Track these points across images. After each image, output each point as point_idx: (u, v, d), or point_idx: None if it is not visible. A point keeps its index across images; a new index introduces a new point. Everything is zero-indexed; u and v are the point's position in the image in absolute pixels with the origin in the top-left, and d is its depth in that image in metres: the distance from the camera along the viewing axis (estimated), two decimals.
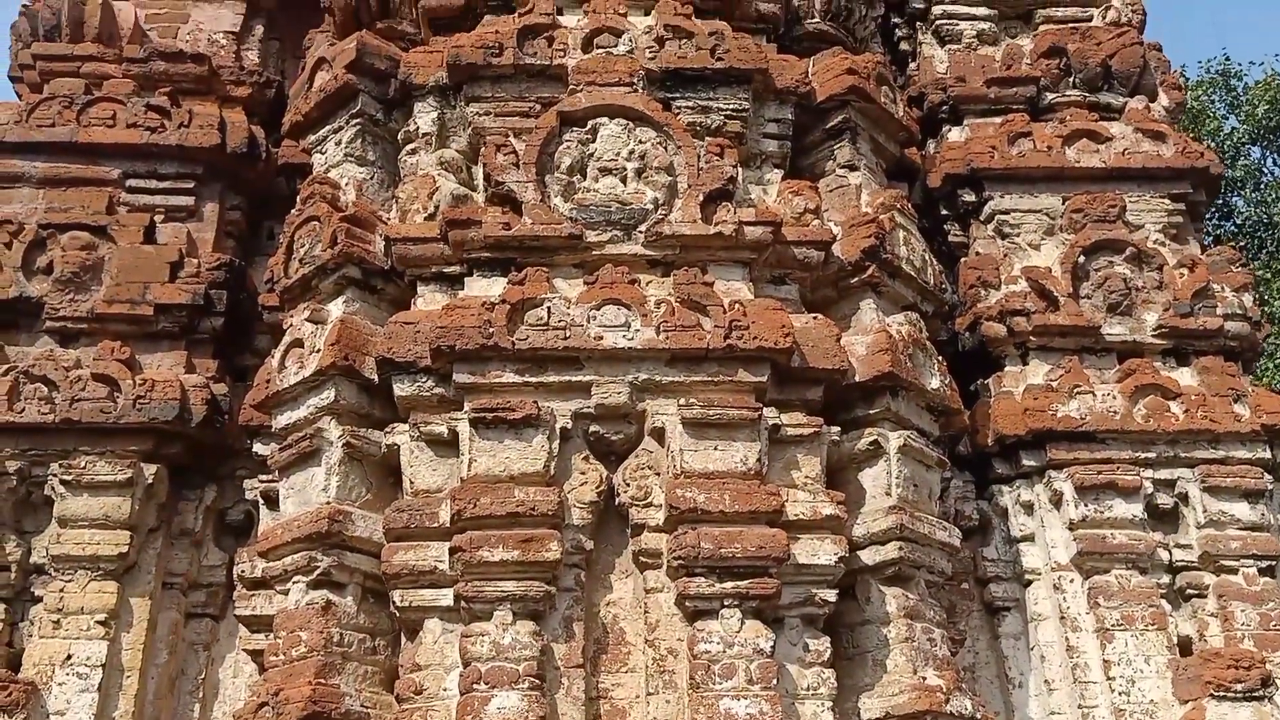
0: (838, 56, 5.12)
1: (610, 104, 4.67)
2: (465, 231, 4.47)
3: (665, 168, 4.56)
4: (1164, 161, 5.54)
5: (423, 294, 4.63)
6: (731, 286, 4.45)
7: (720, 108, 4.79)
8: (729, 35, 4.85)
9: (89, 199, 5.52)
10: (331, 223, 4.68)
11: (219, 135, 5.68)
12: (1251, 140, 15.00)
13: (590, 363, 4.24)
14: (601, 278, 4.37)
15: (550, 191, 4.53)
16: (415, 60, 5.00)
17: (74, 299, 5.30)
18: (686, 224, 4.45)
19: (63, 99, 5.68)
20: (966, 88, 5.87)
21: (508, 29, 4.85)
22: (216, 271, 5.46)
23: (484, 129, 4.77)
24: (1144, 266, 5.38)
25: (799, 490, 4.23)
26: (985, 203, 5.63)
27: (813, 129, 5.11)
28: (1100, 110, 5.79)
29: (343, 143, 5.09)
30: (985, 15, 6.11)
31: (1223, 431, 5.07)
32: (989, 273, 5.47)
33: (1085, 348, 5.29)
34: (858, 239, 4.69)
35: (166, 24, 6.20)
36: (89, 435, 5.06)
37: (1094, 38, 5.84)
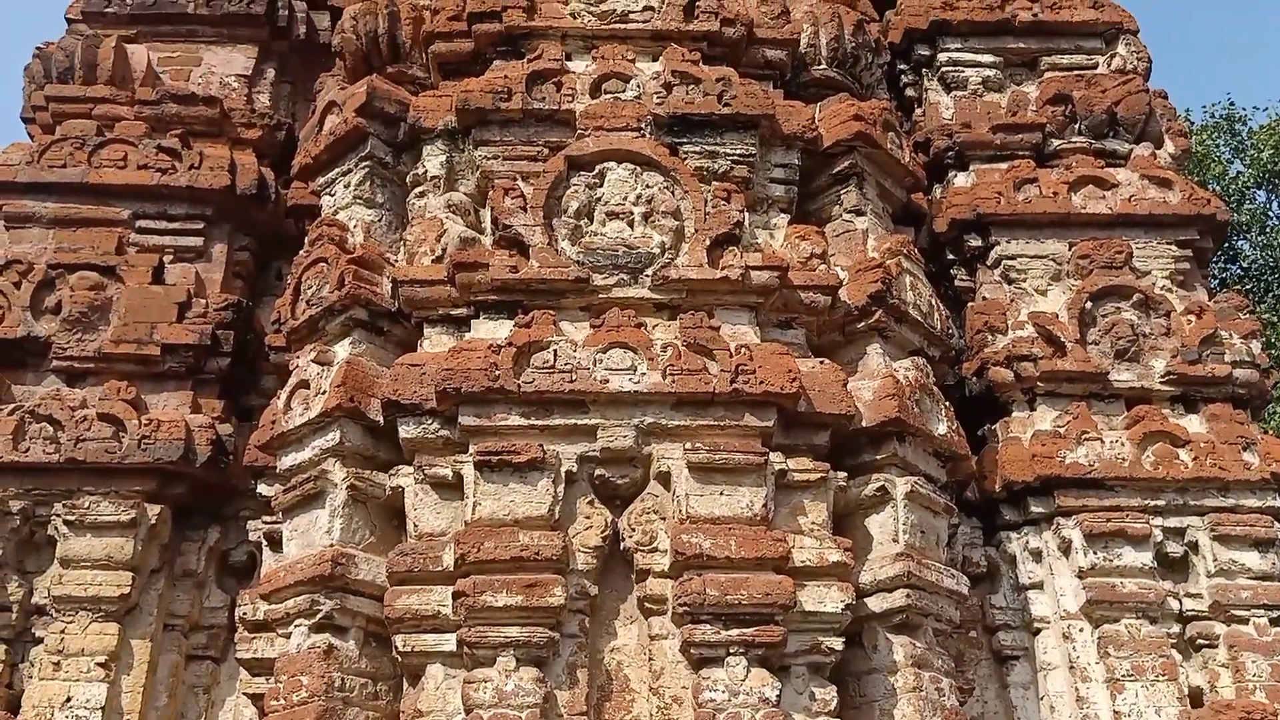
0: (844, 103, 5.15)
1: (618, 149, 4.70)
2: (472, 274, 4.48)
3: (672, 212, 4.58)
4: (1170, 208, 5.55)
5: (429, 336, 4.64)
6: (738, 331, 4.45)
7: (727, 153, 4.81)
8: (736, 81, 4.88)
9: (99, 239, 5.55)
10: (339, 265, 4.70)
11: (229, 177, 5.72)
12: (1257, 184, 15.07)
13: (596, 406, 4.23)
14: (608, 321, 4.37)
15: (557, 235, 4.55)
16: (424, 104, 5.04)
17: (81, 338, 5.31)
18: (693, 268, 4.46)
19: (74, 140, 5.73)
20: (972, 134, 5.90)
21: (517, 74, 4.89)
22: (224, 312, 5.48)
23: (492, 172, 4.80)
24: (1151, 313, 5.38)
25: (805, 536, 4.20)
26: (992, 248, 5.64)
27: (819, 174, 5.13)
28: (1106, 157, 5.82)
29: (351, 185, 5.13)
30: (990, 63, 6.16)
31: (1232, 479, 5.03)
32: (996, 318, 5.47)
33: (1093, 394, 5.27)
34: (864, 284, 4.69)
35: (179, 67, 6.26)
36: (93, 475, 5.05)
37: (1099, 85, 5.88)
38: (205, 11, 6.30)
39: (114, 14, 6.28)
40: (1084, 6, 6.15)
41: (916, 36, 6.23)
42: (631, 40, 5.10)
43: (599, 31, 5.12)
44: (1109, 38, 6.16)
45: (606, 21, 5.13)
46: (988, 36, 6.14)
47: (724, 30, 5.10)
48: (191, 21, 6.31)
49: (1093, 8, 6.15)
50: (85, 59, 5.99)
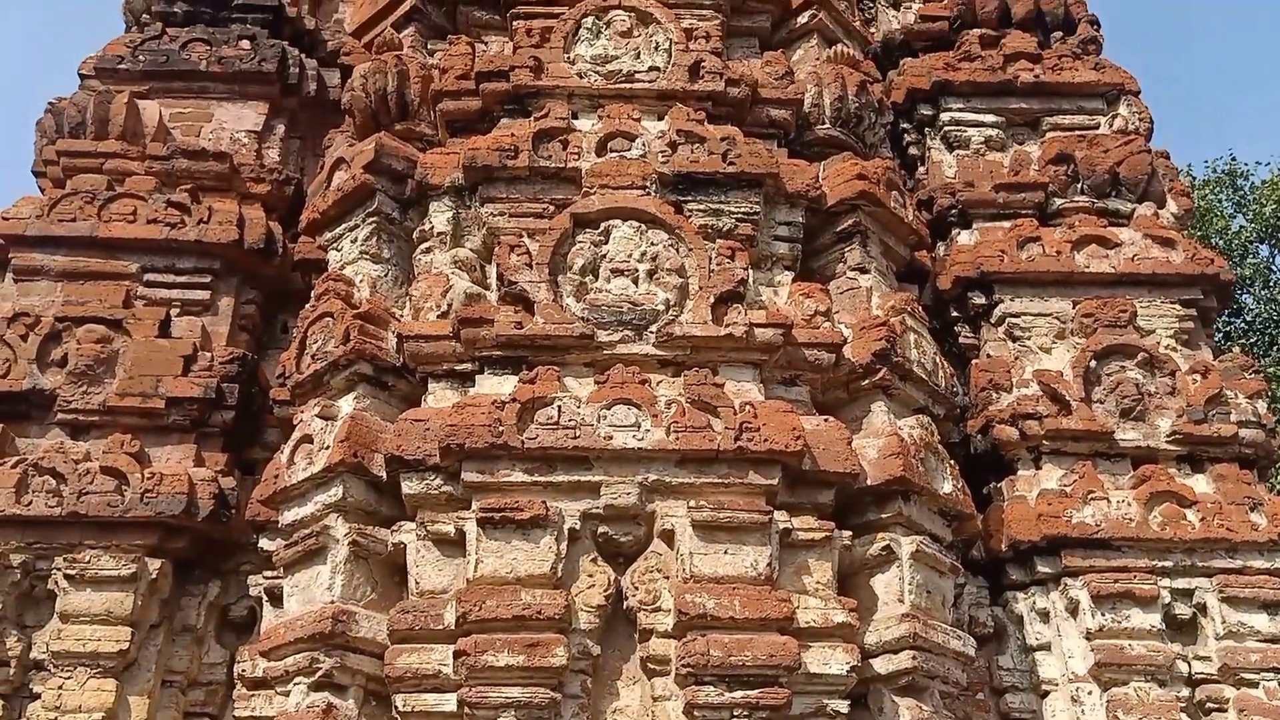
0: (848, 162, 5.20)
1: (623, 206, 4.73)
2: (477, 330, 4.50)
3: (677, 269, 4.60)
4: (1174, 268, 5.57)
5: (434, 391, 4.64)
6: (742, 388, 4.45)
7: (732, 211, 4.85)
8: (740, 140, 4.93)
9: (106, 293, 5.58)
10: (345, 319, 4.72)
11: (237, 231, 5.76)
12: (1259, 239, 15.15)
13: (600, 463, 4.22)
14: (612, 377, 4.37)
15: (563, 291, 4.57)
16: (432, 161, 5.09)
17: (86, 391, 5.32)
18: (697, 325, 4.47)
19: (85, 194, 5.78)
20: (975, 193, 5.95)
21: (523, 132, 4.95)
22: (229, 365, 5.49)
23: (498, 229, 4.83)
24: (1156, 372, 5.38)
25: (810, 596, 4.17)
26: (995, 305, 5.66)
27: (823, 232, 5.17)
28: (1109, 216, 5.85)
29: (358, 240, 5.16)
30: (992, 122, 6.22)
31: (1240, 541, 5.00)
32: (1000, 375, 5.47)
33: (1099, 453, 5.26)
34: (868, 342, 4.70)
35: (190, 123, 6.33)
36: (95, 529, 5.02)
37: (1101, 145, 5.93)
38: (217, 69, 6.39)
39: (127, 70, 6.37)
40: (1085, 68, 6.22)
41: (919, 96, 6.30)
42: (637, 99, 5.16)
43: (605, 91, 5.18)
44: (1110, 98, 6.23)
45: (613, 81, 5.20)
46: (990, 97, 6.21)
47: (728, 90, 5.16)
48: (204, 78, 6.40)
49: (1094, 69, 6.22)
50: (97, 114, 6.06)
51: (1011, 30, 6.43)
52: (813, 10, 5.80)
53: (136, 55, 6.41)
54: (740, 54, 5.69)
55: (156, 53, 6.42)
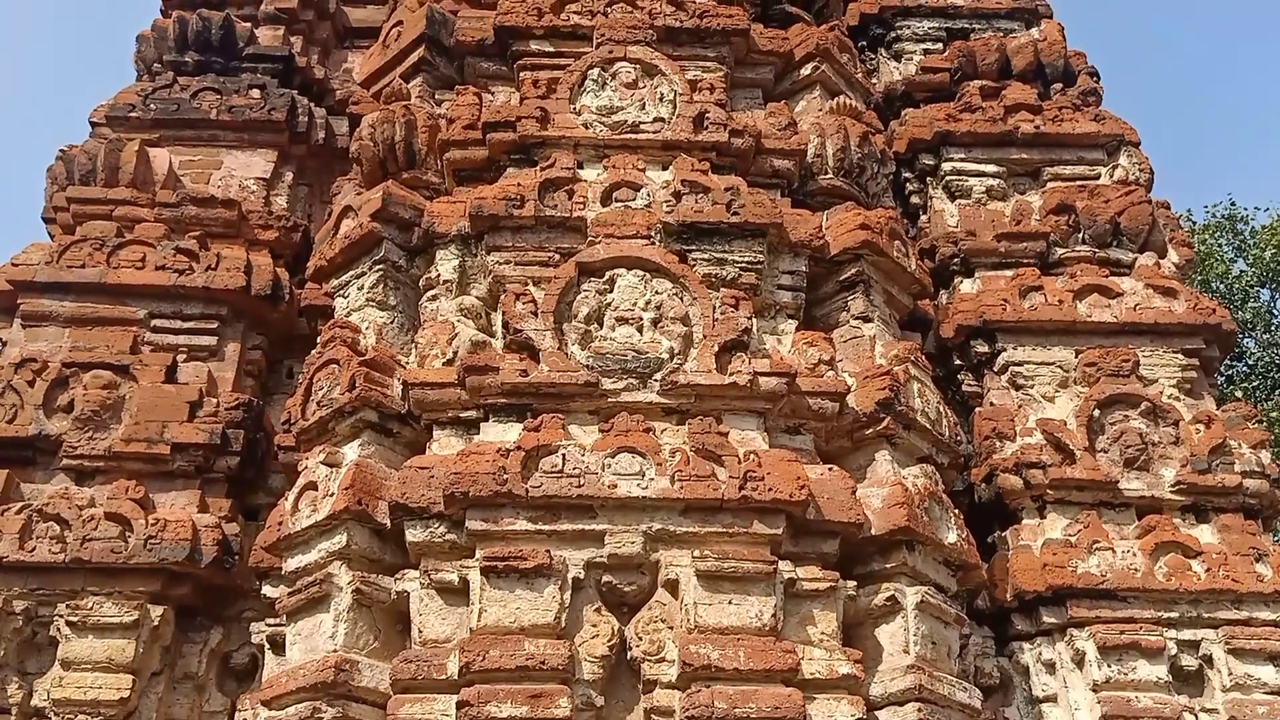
0: (851, 211, 5.24)
1: (628, 255, 4.77)
2: (482, 377, 4.51)
3: (681, 318, 4.63)
4: (1176, 317, 5.60)
5: (438, 438, 4.65)
6: (746, 436, 4.45)
7: (735, 260, 4.88)
8: (744, 190, 4.98)
9: (114, 338, 5.62)
10: (350, 366, 4.74)
11: (244, 278, 5.81)
12: (1260, 283, 15.20)
13: (604, 511, 4.22)
14: (617, 425, 4.38)
15: (568, 340, 4.60)
16: (439, 210, 5.14)
17: (93, 437, 5.34)
18: (702, 374, 4.49)
19: (94, 241, 5.84)
20: (977, 242, 5.99)
21: (530, 182, 5.00)
22: (234, 411, 5.51)
23: (504, 277, 4.86)
24: (1159, 421, 5.38)
25: (815, 647, 4.14)
26: (998, 354, 5.68)
27: (827, 281, 5.20)
28: (1110, 265, 5.89)
29: (365, 288, 5.20)
30: (994, 172, 6.28)
31: (1245, 592, 4.98)
32: (1004, 424, 5.47)
33: (1103, 502, 5.25)
34: (872, 391, 4.71)
35: (200, 170, 6.42)
36: (98, 575, 5.03)
37: (1102, 195, 5.98)
38: (227, 117, 6.48)
39: (138, 119, 6.46)
40: (1085, 120, 6.29)
41: (921, 146, 6.36)
42: (642, 150, 5.21)
43: (610, 141, 5.24)
44: (1110, 149, 6.29)
45: (618, 132, 5.26)
46: (991, 147, 6.28)
47: (732, 141, 5.22)
48: (214, 127, 6.49)
49: (1094, 121, 6.29)
50: (108, 162, 6.14)
51: (1011, 82, 6.51)
52: (815, 63, 5.87)
53: (148, 104, 6.50)
54: (744, 105, 5.76)
55: (167, 101, 6.52)
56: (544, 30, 5.68)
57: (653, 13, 5.69)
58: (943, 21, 7.00)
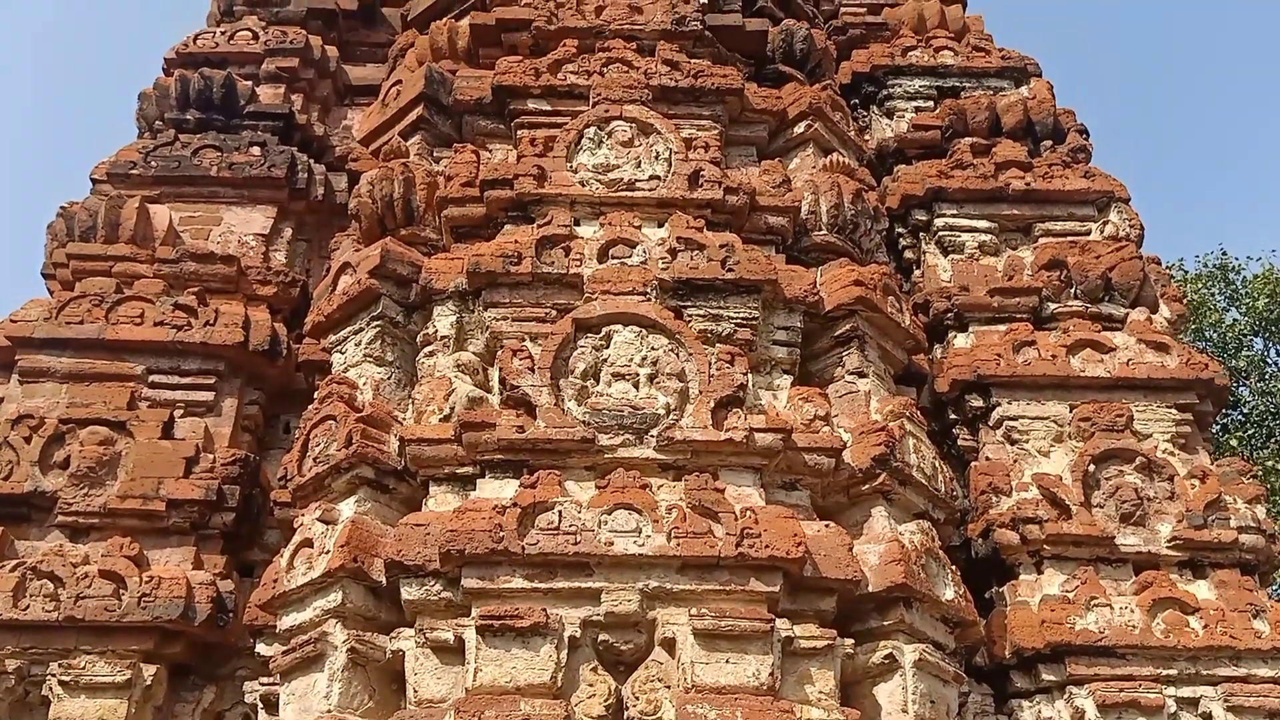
0: (845, 268, 5.29)
1: (624, 312, 4.80)
2: (479, 434, 4.52)
3: (677, 374, 4.66)
4: (1169, 372, 5.63)
5: (435, 495, 4.65)
6: (743, 493, 4.46)
7: (731, 316, 4.92)
8: (739, 247, 5.03)
9: (111, 394, 5.63)
10: (347, 423, 4.75)
11: (243, 333, 5.84)
12: (1253, 332, 15.26)
13: (600, 569, 4.21)
14: (613, 482, 4.39)
15: (564, 395, 4.61)
16: (437, 266, 5.18)
17: (88, 494, 5.33)
18: (698, 429, 4.50)
19: (93, 297, 5.87)
20: (970, 297, 6.04)
21: (527, 239, 5.05)
22: (231, 467, 5.51)
23: (501, 333, 4.89)
24: (1155, 476, 5.40)
25: (813, 707, 4.11)
26: (993, 408, 5.70)
27: (821, 336, 5.23)
28: (1102, 320, 5.93)
29: (362, 343, 5.22)
30: (986, 228, 6.35)
31: (1244, 648, 4.96)
32: (1000, 479, 5.48)
33: (1100, 558, 5.24)
34: (868, 447, 4.72)
35: (199, 226, 6.47)
36: (91, 633, 5.00)
37: (1093, 251, 6.04)
38: (228, 174, 6.55)
39: (139, 175, 6.52)
40: (1075, 176, 6.37)
41: (913, 202, 6.44)
42: (638, 207, 5.27)
43: (606, 199, 5.29)
44: (1101, 205, 6.37)
45: (614, 189, 5.32)
46: (982, 203, 6.35)
47: (727, 198, 5.28)
48: (214, 183, 6.55)
49: (1084, 177, 6.38)
50: (109, 218, 6.19)
51: (1002, 139, 6.60)
52: (808, 121, 5.96)
53: (149, 160, 6.57)
54: (738, 162, 5.84)
55: (168, 158, 6.59)
56: (541, 89, 5.77)
57: (648, 72, 5.78)
58: (933, 80, 7.12)
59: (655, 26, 6.09)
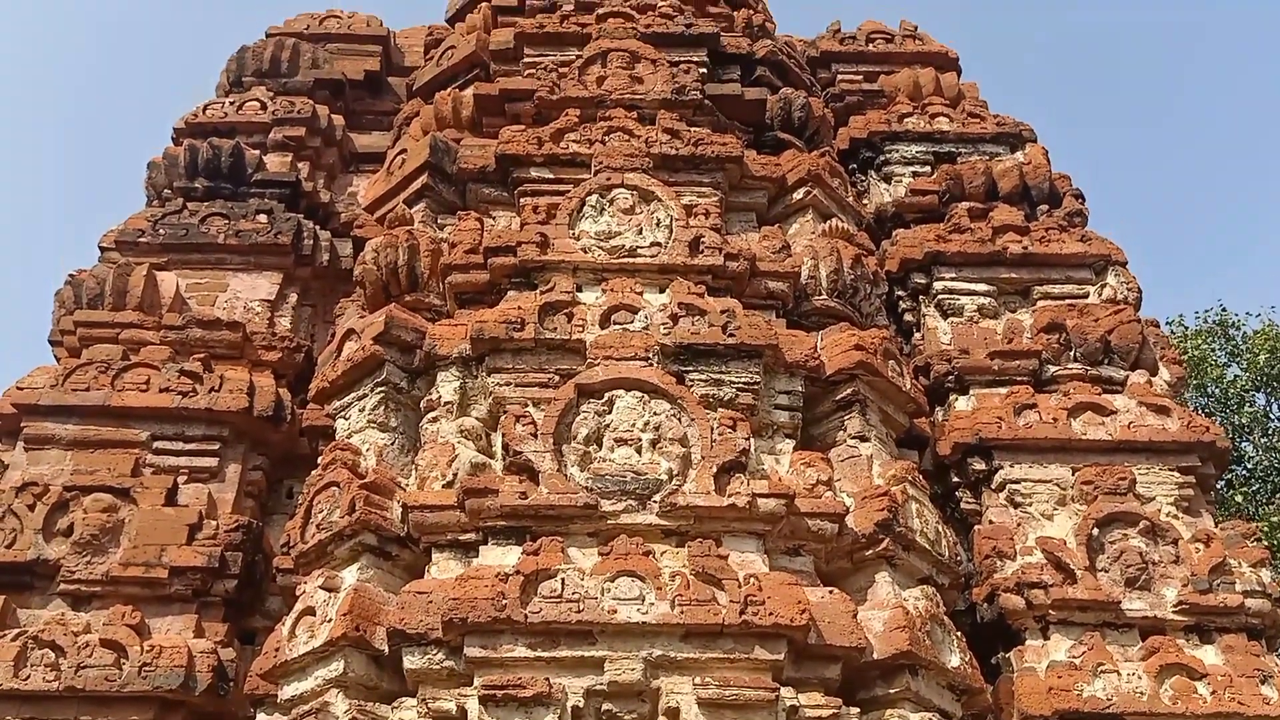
0: (845, 332, 5.33)
1: (626, 377, 4.83)
2: (482, 500, 4.53)
3: (679, 439, 4.67)
4: (1170, 435, 5.65)
5: (437, 561, 4.64)
6: (746, 559, 4.45)
7: (732, 381, 4.95)
8: (740, 312, 5.07)
9: (115, 461, 5.65)
10: (351, 489, 4.76)
11: (247, 399, 5.87)
12: (1255, 387, 15.24)
13: (604, 638, 4.19)
14: (616, 549, 4.38)
15: (567, 461, 4.63)
16: (441, 333, 5.22)
17: (90, 561, 5.33)
18: (701, 495, 4.51)
19: (99, 364, 5.92)
20: (970, 360, 6.08)
21: (530, 305, 5.09)
22: (234, 533, 5.52)
23: (504, 398, 4.92)
24: (1159, 540, 5.38)
25: None
26: (995, 472, 5.71)
27: (823, 400, 5.25)
28: (1103, 383, 5.95)
29: (366, 409, 5.25)
30: (985, 291, 6.40)
31: (1252, 715, 4.89)
32: (1004, 542, 5.47)
33: (1106, 623, 5.21)
34: (871, 511, 4.72)
35: (206, 293, 6.54)
36: (91, 703, 4.97)
37: (1092, 314, 6.09)
38: (234, 241, 6.63)
39: (147, 243, 6.61)
40: (1072, 240, 6.44)
41: (912, 266, 6.50)
42: (639, 273, 5.33)
43: (609, 265, 5.36)
44: (1098, 269, 6.43)
45: (616, 256, 5.38)
46: (981, 267, 6.42)
47: (727, 264, 5.34)
48: (221, 250, 6.63)
49: (1081, 241, 6.45)
50: (116, 286, 6.26)
51: (998, 203, 6.69)
52: (807, 187, 6.04)
53: (157, 229, 6.66)
54: (738, 228, 5.91)
55: (176, 226, 6.68)
56: (544, 158, 5.86)
57: (649, 140, 5.88)
58: (930, 146, 7.23)
59: (656, 96, 6.20)
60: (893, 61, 7.98)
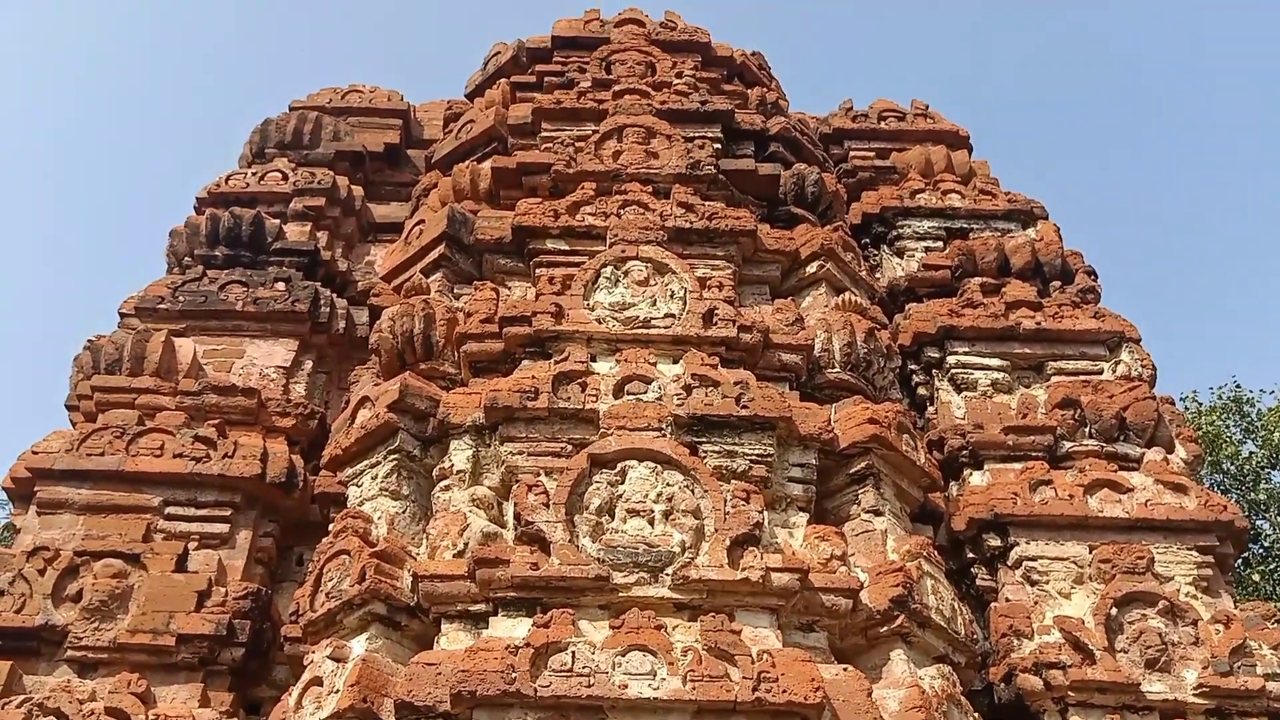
0: (859, 405, 5.33)
1: (639, 448, 4.83)
2: (493, 570, 4.51)
3: (692, 511, 4.65)
4: (1187, 514, 5.59)
5: (447, 632, 4.60)
6: (759, 634, 4.40)
7: (746, 453, 4.94)
8: (753, 384, 5.08)
9: (127, 526, 5.65)
10: (361, 558, 4.74)
11: (260, 465, 5.88)
12: (1270, 465, 15.12)
13: (614, 713, 4.13)
14: (628, 622, 4.34)
15: (579, 532, 4.61)
16: (454, 401, 5.24)
17: (99, 628, 5.30)
18: (714, 569, 4.47)
19: (115, 429, 5.94)
20: (985, 435, 6.06)
21: (544, 374, 5.12)
22: (242, 601, 5.48)
23: (517, 468, 4.92)
24: (1178, 621, 5.30)
25: None
26: (1011, 548, 5.65)
27: (836, 473, 5.23)
28: (1118, 460, 5.92)
29: (379, 477, 5.25)
30: (998, 365, 6.40)
31: None
32: (1020, 621, 5.39)
33: (1126, 705, 5.11)
34: (885, 588, 4.68)
35: (223, 359, 6.59)
36: None
37: (1106, 391, 6.07)
38: (252, 308, 6.70)
39: (166, 310, 6.68)
40: (1085, 316, 6.46)
41: (925, 340, 6.52)
42: (653, 344, 5.36)
43: (623, 336, 5.39)
44: (1112, 345, 6.43)
45: (630, 327, 5.41)
46: (994, 342, 6.43)
47: (741, 336, 5.37)
48: (238, 317, 6.70)
49: (1094, 318, 6.46)
50: (134, 351, 6.31)
51: (1011, 279, 6.72)
52: (820, 261, 6.09)
53: (176, 295, 6.74)
54: (752, 300, 5.95)
55: (195, 293, 6.75)
56: (560, 230, 5.94)
57: (664, 214, 5.95)
58: (942, 221, 7.30)
59: (671, 170, 6.29)
60: (904, 139, 8.09)
